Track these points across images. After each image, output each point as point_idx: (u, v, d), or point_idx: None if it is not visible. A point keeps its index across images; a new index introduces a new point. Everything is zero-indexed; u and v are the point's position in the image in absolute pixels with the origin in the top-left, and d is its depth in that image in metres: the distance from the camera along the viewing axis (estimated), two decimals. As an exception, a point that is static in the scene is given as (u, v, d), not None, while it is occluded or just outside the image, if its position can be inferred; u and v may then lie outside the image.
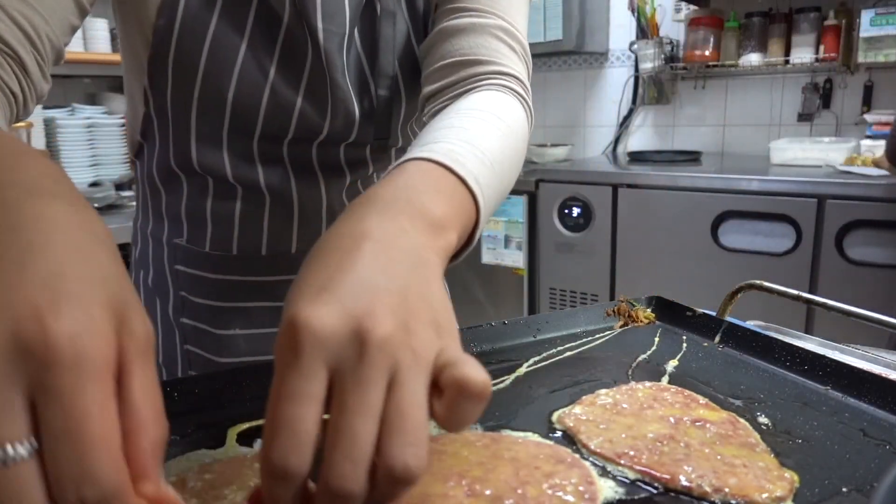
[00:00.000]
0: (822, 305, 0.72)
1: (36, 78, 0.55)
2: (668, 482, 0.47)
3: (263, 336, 0.74)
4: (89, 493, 0.24)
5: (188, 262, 0.73)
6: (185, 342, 0.75)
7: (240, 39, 0.61)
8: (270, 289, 0.74)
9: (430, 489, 0.45)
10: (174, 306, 0.74)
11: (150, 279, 0.76)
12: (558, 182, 2.60)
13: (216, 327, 0.73)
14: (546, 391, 0.62)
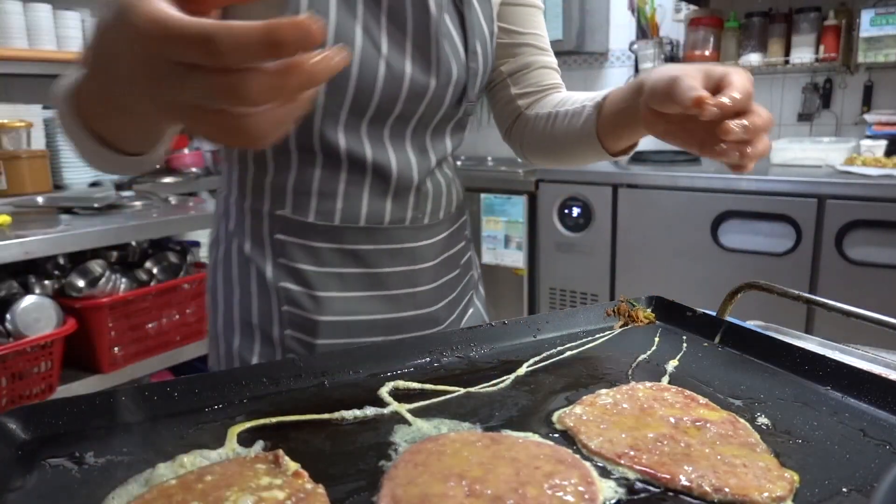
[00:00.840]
0: (822, 305, 0.72)
1: None
2: (668, 482, 0.47)
3: (357, 298, 0.84)
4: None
5: (289, 231, 0.82)
6: (283, 304, 0.83)
7: (353, 20, 0.71)
8: (365, 256, 0.83)
9: (429, 489, 0.45)
10: (273, 272, 0.83)
11: (245, 248, 0.85)
12: (558, 182, 2.60)
13: (316, 290, 0.82)
14: (546, 391, 0.62)
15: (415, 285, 0.87)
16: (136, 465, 0.50)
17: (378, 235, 0.83)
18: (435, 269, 0.89)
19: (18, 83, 2.49)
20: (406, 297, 0.86)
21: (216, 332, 0.89)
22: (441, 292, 0.90)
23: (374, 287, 0.84)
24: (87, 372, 1.77)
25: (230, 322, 0.87)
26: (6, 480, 0.48)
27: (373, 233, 0.83)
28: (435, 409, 0.59)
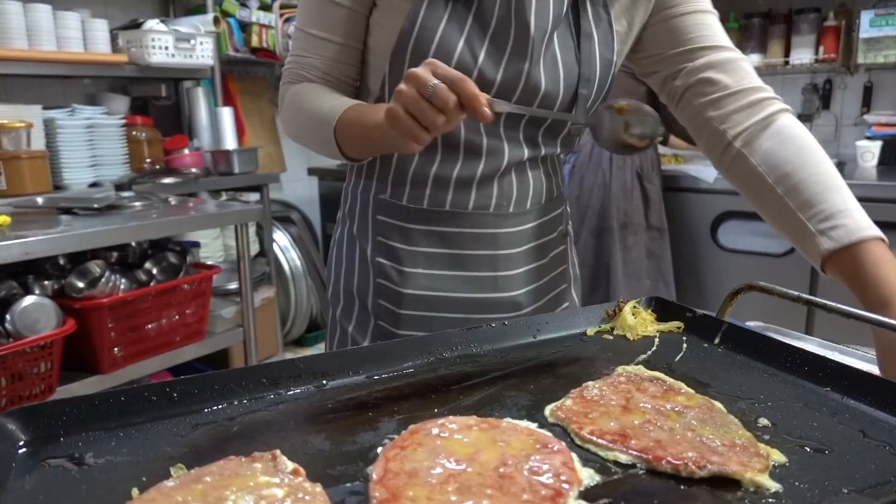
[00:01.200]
0: (822, 306, 0.72)
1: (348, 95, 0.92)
2: (656, 463, 0.49)
3: (439, 276, 0.92)
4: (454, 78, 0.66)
5: (388, 213, 0.93)
6: (377, 277, 0.94)
7: (459, 35, 0.83)
8: (449, 238, 0.92)
9: (419, 465, 0.48)
10: (372, 248, 0.94)
11: (354, 227, 0.98)
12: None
13: (404, 265, 0.92)
14: (546, 391, 0.62)
15: (496, 269, 0.92)
16: (135, 465, 0.50)
17: (462, 220, 0.91)
18: (520, 255, 0.94)
19: (18, 83, 2.49)
20: (487, 280, 0.92)
21: (336, 301, 1.02)
22: (525, 278, 0.95)
23: (456, 267, 0.92)
24: (87, 372, 1.77)
25: (337, 292, 1.01)
26: (6, 481, 0.48)
27: (457, 217, 0.91)
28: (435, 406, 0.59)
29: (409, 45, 0.83)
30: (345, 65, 0.91)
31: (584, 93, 0.89)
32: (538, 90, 0.86)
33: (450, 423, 0.54)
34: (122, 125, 2.53)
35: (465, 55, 0.83)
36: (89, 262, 1.81)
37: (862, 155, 2.45)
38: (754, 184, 0.85)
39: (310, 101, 0.88)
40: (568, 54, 0.88)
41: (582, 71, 0.88)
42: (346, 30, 0.89)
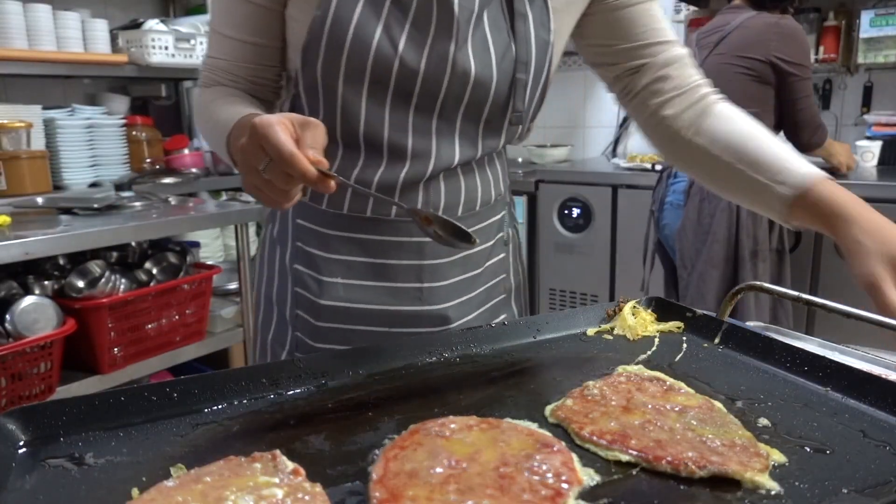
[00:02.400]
0: (821, 307, 0.72)
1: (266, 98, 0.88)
2: (656, 463, 0.49)
3: (359, 287, 0.86)
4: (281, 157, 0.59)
5: (307, 217, 0.87)
6: (295, 285, 0.88)
7: (376, 22, 0.76)
8: (370, 246, 0.86)
9: (419, 464, 0.48)
10: (290, 254, 0.89)
11: (275, 231, 0.92)
12: (558, 183, 2.60)
13: (321, 274, 0.86)
14: (545, 391, 0.62)
15: (421, 280, 0.86)
16: (135, 465, 0.50)
17: (384, 227, 0.85)
18: (448, 266, 0.87)
19: (18, 83, 2.49)
20: (411, 291, 0.86)
21: (258, 307, 0.97)
22: (454, 291, 0.88)
23: (378, 277, 0.86)
24: (87, 372, 1.77)
25: (259, 299, 0.96)
26: (6, 481, 0.48)
27: (379, 224, 0.85)
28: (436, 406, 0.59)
29: (322, 37, 0.76)
30: (258, 66, 0.85)
31: (521, 77, 0.82)
32: (468, 76, 0.79)
33: (450, 423, 0.54)
34: (122, 125, 2.53)
35: (384, 44, 0.76)
36: (89, 262, 1.81)
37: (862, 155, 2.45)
38: (709, 165, 0.87)
39: (213, 108, 0.82)
40: (500, 35, 0.80)
41: (518, 53, 0.81)
42: (257, 28, 0.82)
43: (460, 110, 0.82)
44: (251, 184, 0.65)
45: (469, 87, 0.80)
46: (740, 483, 0.47)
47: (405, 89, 0.78)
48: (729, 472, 0.47)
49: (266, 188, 0.63)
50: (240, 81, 0.85)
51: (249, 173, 0.64)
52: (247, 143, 0.63)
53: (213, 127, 0.80)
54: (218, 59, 0.85)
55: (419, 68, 0.77)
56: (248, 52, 0.83)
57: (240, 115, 0.76)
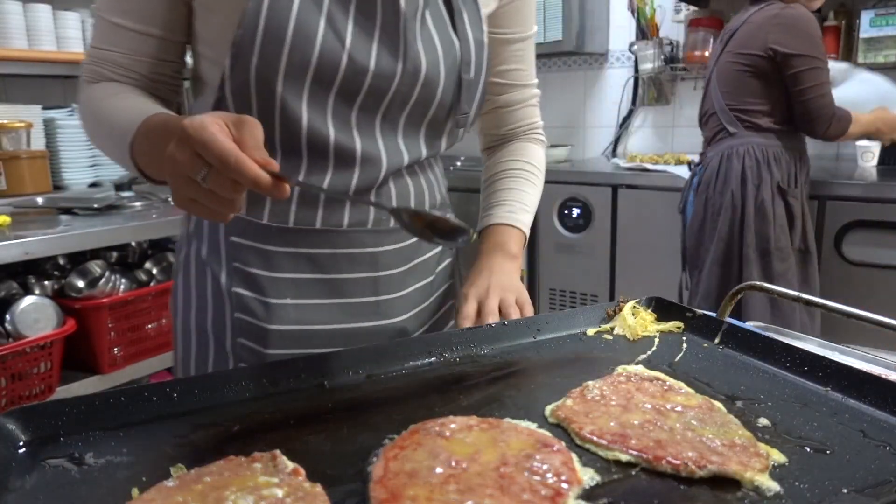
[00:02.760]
0: (821, 307, 0.72)
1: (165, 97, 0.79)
2: (656, 463, 0.49)
3: (311, 306, 0.79)
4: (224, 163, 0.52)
5: (244, 233, 0.78)
6: (236, 311, 0.79)
7: (318, 14, 0.69)
8: (321, 261, 0.79)
9: (419, 464, 0.48)
10: (227, 276, 0.79)
11: (202, 251, 0.81)
12: (558, 183, 2.60)
13: (268, 296, 0.78)
14: (545, 391, 0.62)
15: (377, 293, 0.81)
16: (135, 465, 0.50)
17: (336, 239, 0.78)
18: (403, 276, 0.83)
19: (18, 83, 2.49)
20: (368, 306, 0.81)
21: (176, 339, 0.86)
22: (411, 301, 0.85)
23: (331, 294, 0.79)
24: (87, 372, 1.77)
25: (187, 329, 0.84)
26: (6, 481, 0.48)
27: (330, 236, 0.78)
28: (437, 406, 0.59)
29: (257, 31, 0.68)
30: (157, 61, 0.76)
31: (467, 77, 0.80)
32: (418, 75, 0.75)
33: (450, 422, 0.54)
34: (122, 125, 2.53)
35: (330, 38, 0.69)
36: (89, 262, 1.81)
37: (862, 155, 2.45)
38: (484, 176, 0.99)
39: (105, 107, 0.72)
40: (444, 33, 0.77)
41: (462, 52, 0.78)
42: (157, 17, 0.73)
43: (405, 111, 0.78)
44: (185, 197, 0.56)
45: (418, 87, 0.76)
46: (740, 483, 0.47)
47: (351, 88, 0.73)
48: (729, 472, 0.47)
49: (206, 199, 0.55)
50: (135, 78, 0.76)
51: (183, 185, 0.55)
52: (177, 150, 0.54)
53: (109, 132, 0.71)
54: (108, 51, 0.75)
55: (369, 65, 0.72)
56: (147, 44, 0.74)
57: (144, 114, 0.67)
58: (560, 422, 0.56)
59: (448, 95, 0.80)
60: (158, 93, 0.78)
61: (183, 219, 0.87)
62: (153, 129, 0.65)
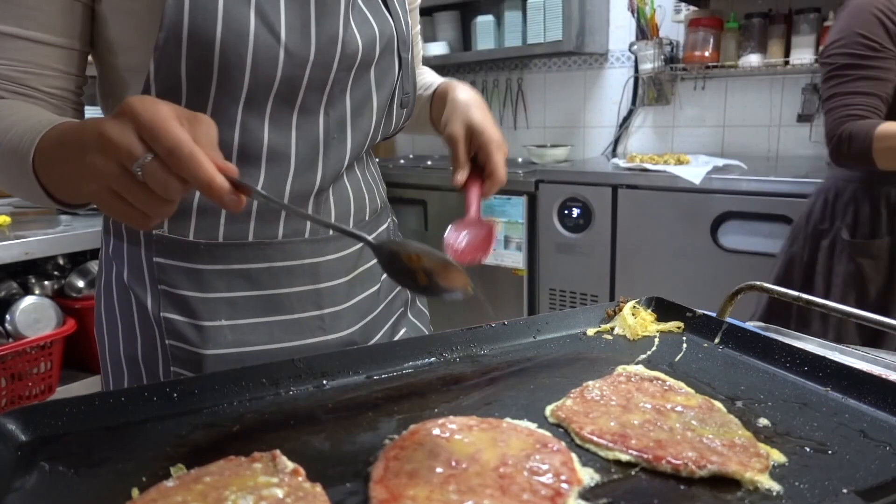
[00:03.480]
0: (822, 307, 0.72)
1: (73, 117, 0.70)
2: (656, 463, 0.49)
3: (249, 326, 0.73)
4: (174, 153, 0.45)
5: (168, 253, 0.71)
6: (167, 337, 0.72)
7: (247, 6, 0.63)
8: (257, 277, 0.73)
9: (420, 465, 0.48)
10: (153, 300, 0.72)
11: (124, 275, 0.75)
12: (558, 183, 2.60)
13: (200, 319, 0.72)
14: (546, 391, 0.62)
15: (320, 307, 0.76)
16: (135, 465, 0.50)
17: (271, 252, 0.73)
18: (346, 286, 0.78)
19: (18, 83, 2.48)
20: (311, 322, 0.76)
21: (105, 369, 0.80)
22: (357, 312, 0.80)
23: (270, 312, 0.74)
24: (87, 372, 1.77)
25: (116, 359, 0.77)
26: (6, 481, 0.48)
27: (265, 249, 0.72)
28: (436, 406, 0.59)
29: (181, 32, 0.61)
30: (56, 73, 0.67)
31: (405, 57, 0.78)
32: (356, 55, 0.71)
33: (450, 423, 0.54)
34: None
35: (262, 32, 0.64)
36: (89, 262, 1.81)
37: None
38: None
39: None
40: (377, 11, 0.74)
41: (397, 30, 0.76)
42: (54, 24, 0.65)
43: (346, 98, 0.73)
44: (106, 188, 0.47)
45: (353, 69, 0.71)
46: (740, 483, 0.47)
47: (291, 83, 0.68)
48: (729, 472, 0.47)
49: (135, 196, 0.46)
50: (28, 95, 0.66)
51: (109, 174, 0.46)
52: (114, 128, 0.46)
53: (4, 140, 0.61)
54: (2, 68, 0.65)
55: (308, 58, 0.67)
56: (43, 54, 0.66)
57: (50, 123, 0.58)
58: (560, 422, 0.56)
59: (387, 76, 0.77)
60: (61, 111, 0.69)
61: (102, 239, 0.79)
62: (65, 134, 0.56)
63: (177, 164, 0.45)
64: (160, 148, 0.45)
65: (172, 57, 0.63)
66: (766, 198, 2.24)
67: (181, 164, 0.45)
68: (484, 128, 0.80)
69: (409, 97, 0.82)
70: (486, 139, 0.79)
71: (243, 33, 0.63)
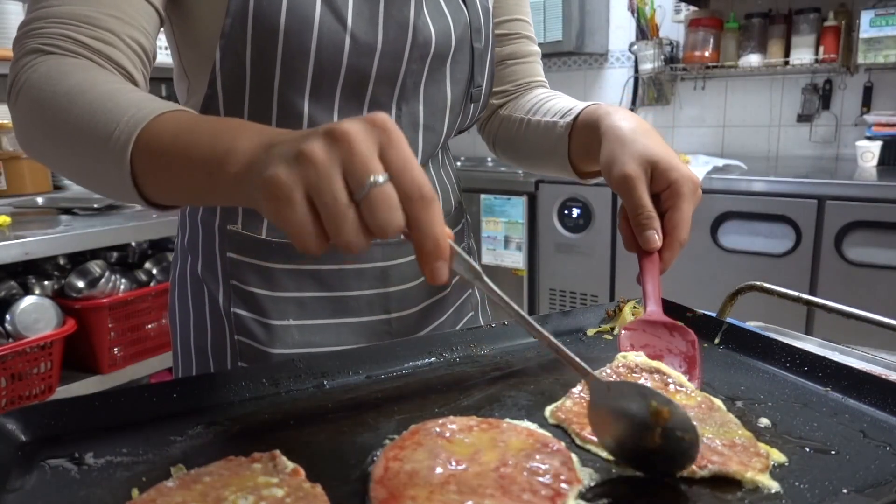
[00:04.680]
0: (821, 307, 0.72)
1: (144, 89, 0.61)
2: None
3: (317, 327, 0.72)
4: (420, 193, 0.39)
5: (242, 249, 0.71)
6: (236, 333, 0.72)
7: None
8: (326, 278, 0.72)
9: (419, 465, 0.48)
10: (225, 295, 0.72)
11: (198, 267, 0.74)
12: (558, 183, 2.60)
13: (269, 317, 0.71)
14: (545, 392, 0.62)
15: (388, 311, 0.75)
16: (135, 465, 0.50)
17: (342, 254, 0.70)
18: (416, 291, 0.77)
19: (18, 83, 2.49)
20: (378, 325, 0.75)
21: (176, 358, 0.80)
22: (425, 317, 0.79)
23: (338, 314, 0.73)
24: (87, 373, 1.77)
25: (187, 349, 0.77)
26: (6, 481, 0.48)
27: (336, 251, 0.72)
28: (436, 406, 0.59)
29: (247, 19, 0.59)
30: (138, 28, 0.59)
31: (479, 47, 0.73)
32: (429, 44, 0.68)
33: (450, 423, 0.54)
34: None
35: (328, 19, 0.61)
36: (89, 262, 1.81)
37: (862, 155, 2.45)
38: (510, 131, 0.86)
39: (79, 93, 0.52)
40: (452, 0, 0.71)
41: (471, 19, 0.72)
42: None
43: (420, 93, 0.70)
44: (297, 204, 0.38)
45: (428, 61, 0.68)
46: (741, 483, 0.47)
47: (359, 74, 0.66)
48: (729, 472, 0.47)
49: (331, 222, 0.38)
50: (110, 42, 0.57)
51: (317, 185, 0.38)
52: (358, 132, 0.38)
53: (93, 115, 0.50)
54: (83, 7, 0.56)
55: (376, 46, 0.64)
56: (130, 3, 0.58)
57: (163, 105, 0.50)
58: (560, 423, 0.56)
59: (462, 69, 0.72)
60: (137, 78, 0.61)
61: (177, 229, 0.79)
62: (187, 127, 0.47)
63: (418, 204, 0.38)
64: (406, 180, 0.38)
65: (236, 47, 0.61)
66: (766, 198, 2.24)
67: (423, 203, 0.38)
68: (671, 164, 0.62)
69: (480, 90, 0.76)
70: (674, 179, 0.61)
71: (308, 18, 0.61)
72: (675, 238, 0.62)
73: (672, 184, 0.62)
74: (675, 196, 0.61)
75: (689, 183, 0.61)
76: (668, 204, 0.62)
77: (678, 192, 0.61)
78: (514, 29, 0.87)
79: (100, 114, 0.50)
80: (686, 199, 0.61)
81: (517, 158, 0.89)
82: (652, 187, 0.63)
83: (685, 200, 0.61)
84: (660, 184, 0.62)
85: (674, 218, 0.62)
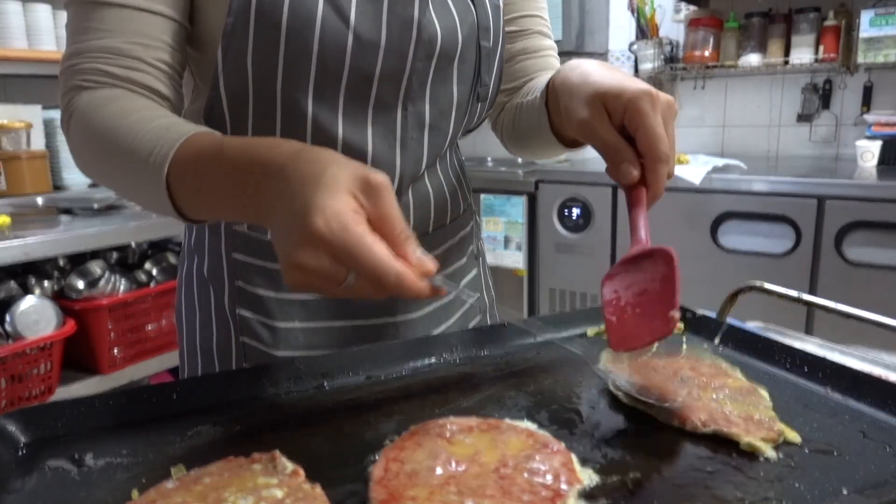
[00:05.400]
0: (821, 307, 0.72)
1: (176, 100, 0.66)
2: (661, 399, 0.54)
3: (322, 329, 0.72)
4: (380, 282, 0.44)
5: (248, 250, 0.71)
6: (241, 334, 0.72)
7: None
8: None
9: (420, 466, 0.48)
10: (230, 297, 0.72)
11: (204, 268, 0.74)
12: (558, 183, 2.60)
13: (274, 319, 0.71)
14: (546, 392, 0.62)
15: (394, 314, 0.75)
16: (135, 466, 0.50)
17: None
18: None
19: (18, 83, 2.49)
20: (385, 328, 0.75)
21: (182, 358, 0.80)
22: (431, 321, 0.78)
23: (343, 316, 0.73)
24: (87, 373, 1.77)
25: (193, 350, 0.78)
26: (6, 482, 0.48)
27: None
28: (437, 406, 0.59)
29: (249, 17, 0.60)
30: (162, 46, 0.62)
31: (486, 45, 0.72)
32: (434, 43, 0.66)
33: (450, 423, 0.54)
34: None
35: (331, 17, 0.61)
36: (89, 263, 1.81)
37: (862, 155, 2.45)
38: (509, 121, 0.82)
39: (119, 124, 0.57)
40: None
41: (479, 17, 0.70)
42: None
43: (426, 93, 0.69)
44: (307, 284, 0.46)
45: (434, 60, 0.67)
46: (743, 485, 0.47)
47: (363, 73, 0.65)
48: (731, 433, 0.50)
49: (332, 292, 0.47)
50: (137, 68, 0.61)
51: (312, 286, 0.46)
52: (309, 257, 0.44)
53: (133, 143, 0.56)
54: (110, 40, 0.61)
55: (379, 44, 0.63)
56: (150, 24, 0.61)
57: (182, 135, 0.54)
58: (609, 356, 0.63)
59: (469, 68, 0.71)
60: (169, 94, 0.64)
61: (183, 230, 0.80)
62: (203, 157, 0.52)
63: (386, 287, 0.44)
64: (366, 277, 0.44)
65: (238, 46, 0.61)
66: (766, 198, 2.24)
67: (390, 288, 0.44)
68: (620, 88, 0.56)
69: (486, 89, 0.75)
70: (627, 100, 0.55)
71: (310, 16, 0.60)
72: (652, 158, 0.56)
73: (627, 105, 0.55)
74: (635, 115, 0.55)
75: (644, 97, 0.55)
76: (633, 126, 0.56)
77: (635, 109, 0.55)
78: (526, 25, 0.84)
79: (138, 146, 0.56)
80: (646, 114, 0.55)
81: (522, 146, 0.86)
82: (613, 121, 0.57)
83: (646, 115, 0.55)
84: (617, 113, 0.57)
85: (643, 138, 0.55)
